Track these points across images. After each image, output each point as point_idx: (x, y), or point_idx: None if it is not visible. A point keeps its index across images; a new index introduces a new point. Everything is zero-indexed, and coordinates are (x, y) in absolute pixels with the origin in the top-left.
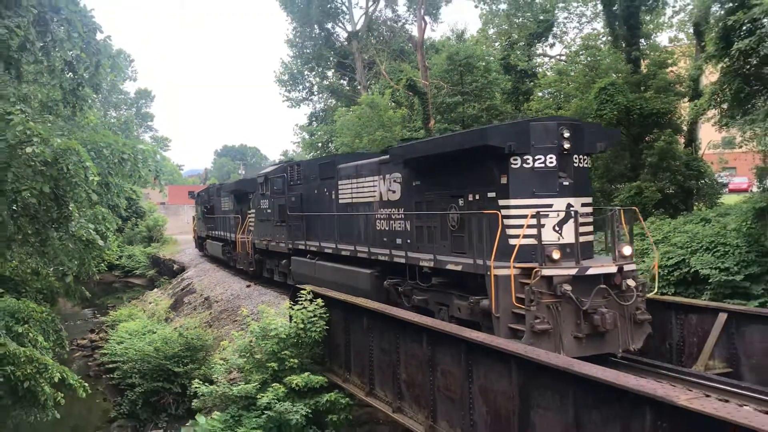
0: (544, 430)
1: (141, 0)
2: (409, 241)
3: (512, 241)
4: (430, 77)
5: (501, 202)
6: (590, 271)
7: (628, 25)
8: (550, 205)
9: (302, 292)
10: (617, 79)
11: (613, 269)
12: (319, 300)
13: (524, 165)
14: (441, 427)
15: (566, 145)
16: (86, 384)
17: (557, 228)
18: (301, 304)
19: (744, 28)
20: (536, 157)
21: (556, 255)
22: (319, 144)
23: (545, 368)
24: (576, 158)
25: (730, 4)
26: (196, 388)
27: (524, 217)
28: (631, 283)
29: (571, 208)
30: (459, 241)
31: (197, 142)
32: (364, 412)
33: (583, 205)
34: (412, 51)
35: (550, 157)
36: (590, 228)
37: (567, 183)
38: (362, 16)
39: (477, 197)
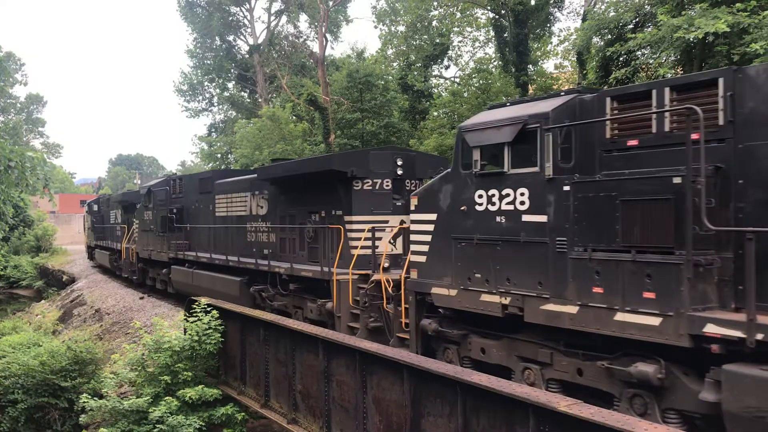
0: None
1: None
2: None
3: None
4: (331, 93)
5: None
6: None
7: (517, 52)
8: None
9: (197, 303)
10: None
11: None
12: (215, 312)
13: None
14: None
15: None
16: None
17: None
18: (196, 316)
19: (621, 58)
20: None
21: None
22: (219, 155)
23: (436, 377)
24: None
25: (609, 36)
26: (84, 402)
27: None
28: None
29: None
30: None
31: (91, 149)
32: (260, 424)
33: None
34: (313, 66)
35: None
36: None
37: None
38: (264, 30)
39: None
